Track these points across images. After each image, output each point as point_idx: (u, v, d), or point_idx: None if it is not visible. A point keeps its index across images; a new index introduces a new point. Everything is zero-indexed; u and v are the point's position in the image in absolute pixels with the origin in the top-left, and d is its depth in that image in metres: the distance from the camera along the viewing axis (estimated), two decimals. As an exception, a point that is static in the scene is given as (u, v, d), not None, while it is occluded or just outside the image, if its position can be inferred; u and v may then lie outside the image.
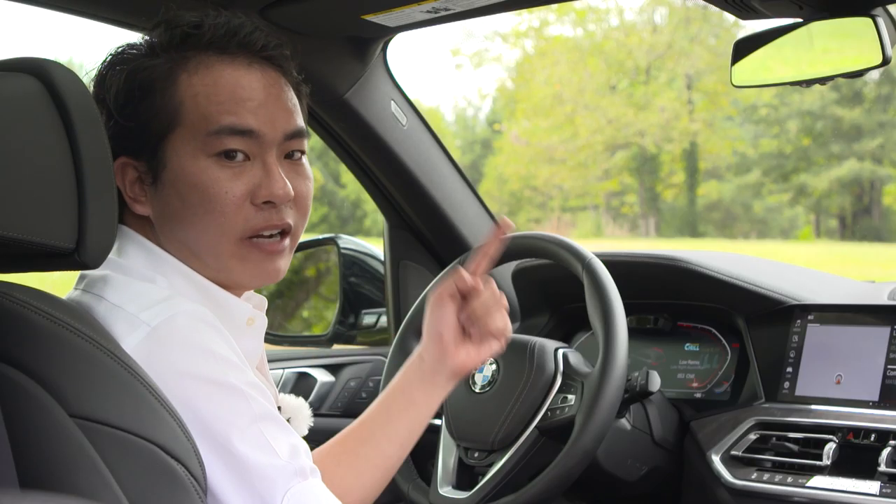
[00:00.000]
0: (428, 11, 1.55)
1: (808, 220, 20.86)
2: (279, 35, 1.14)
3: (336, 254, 2.22)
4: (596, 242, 17.71)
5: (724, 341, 1.79)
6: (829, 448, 1.48)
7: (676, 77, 21.85)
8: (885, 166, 19.50)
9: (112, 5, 1.54)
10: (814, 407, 1.58)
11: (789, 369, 1.64)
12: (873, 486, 1.41)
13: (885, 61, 1.29)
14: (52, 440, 0.85)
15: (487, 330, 1.23)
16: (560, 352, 1.55)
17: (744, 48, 1.42)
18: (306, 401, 1.40)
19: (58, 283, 1.39)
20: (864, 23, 1.29)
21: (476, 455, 1.56)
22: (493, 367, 1.58)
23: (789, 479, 1.49)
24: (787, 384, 1.63)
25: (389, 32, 1.71)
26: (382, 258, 2.17)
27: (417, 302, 1.66)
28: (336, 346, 2.24)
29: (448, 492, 1.56)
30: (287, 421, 1.09)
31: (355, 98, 1.83)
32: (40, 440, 0.85)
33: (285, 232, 1.11)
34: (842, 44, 1.36)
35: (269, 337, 1.20)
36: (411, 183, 1.98)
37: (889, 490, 1.39)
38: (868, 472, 1.43)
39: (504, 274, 1.99)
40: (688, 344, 1.83)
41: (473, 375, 1.59)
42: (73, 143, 0.82)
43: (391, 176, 1.98)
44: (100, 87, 1.10)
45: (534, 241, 1.61)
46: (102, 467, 0.86)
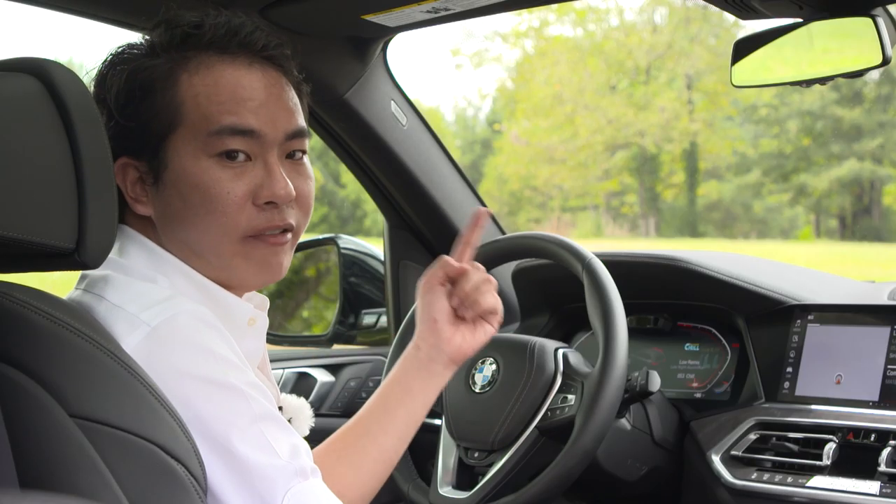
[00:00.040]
0: (428, 11, 1.55)
1: (808, 220, 20.87)
2: (280, 35, 1.14)
3: (336, 254, 2.22)
4: (596, 242, 17.70)
5: (724, 341, 1.79)
6: (829, 448, 1.48)
7: (676, 77, 21.85)
8: (885, 166, 19.50)
9: (112, 5, 1.54)
10: (814, 407, 1.58)
11: (789, 369, 1.64)
12: (873, 486, 1.41)
13: (885, 61, 1.29)
14: (52, 440, 0.85)
15: (480, 309, 1.25)
16: (560, 352, 1.55)
17: (744, 48, 1.42)
18: (306, 401, 1.39)
19: (58, 283, 1.40)
20: (864, 23, 1.29)
21: (476, 455, 1.56)
22: (493, 367, 1.58)
23: (789, 479, 1.49)
24: (787, 384, 1.63)
25: (389, 32, 1.71)
26: (382, 258, 2.17)
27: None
28: (336, 346, 2.24)
29: (448, 492, 1.56)
30: (288, 421, 1.09)
31: (355, 98, 1.83)
32: (40, 440, 0.85)
33: (287, 230, 1.12)
34: (842, 44, 1.36)
35: (270, 337, 1.20)
36: (411, 183, 1.98)
37: (889, 490, 1.39)
38: (868, 472, 1.43)
39: (504, 274, 1.99)
40: (688, 344, 1.83)
41: (473, 375, 1.59)
42: (73, 143, 0.81)
43: (391, 176, 1.98)
44: (100, 88, 1.10)
45: (534, 241, 1.61)
46: (102, 467, 0.86)
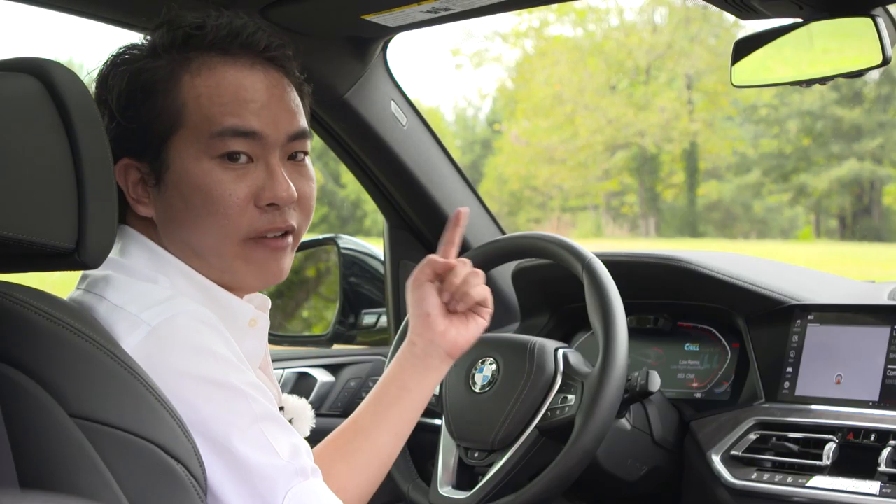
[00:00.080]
0: (428, 11, 1.55)
1: (808, 220, 20.87)
2: (281, 35, 1.14)
3: (336, 254, 2.22)
4: (596, 242, 17.70)
5: (724, 341, 1.79)
6: (829, 448, 1.48)
7: (676, 77, 21.85)
8: (885, 166, 19.50)
9: (113, 5, 1.54)
10: (814, 407, 1.58)
11: (789, 369, 1.64)
12: (873, 486, 1.41)
13: (885, 61, 1.29)
14: (52, 440, 0.85)
15: (471, 301, 1.26)
16: (560, 352, 1.55)
17: (744, 48, 1.42)
18: (307, 401, 1.40)
19: (58, 283, 1.40)
20: (864, 23, 1.29)
21: (476, 455, 1.56)
22: (493, 367, 1.58)
23: (789, 479, 1.49)
24: (787, 384, 1.63)
25: (389, 32, 1.71)
26: (382, 258, 2.17)
27: None
28: (336, 346, 2.24)
29: (448, 492, 1.56)
30: (290, 422, 1.09)
31: (355, 98, 1.83)
32: (40, 440, 0.85)
33: (288, 233, 1.11)
34: (842, 44, 1.36)
35: (270, 337, 1.20)
36: (411, 183, 1.98)
37: (889, 490, 1.39)
38: (868, 472, 1.43)
39: (504, 274, 1.99)
40: (688, 344, 1.83)
41: (473, 375, 1.59)
42: (73, 143, 0.81)
43: (391, 176, 1.98)
44: (102, 89, 1.10)
45: (534, 241, 1.61)
46: (102, 467, 0.86)
